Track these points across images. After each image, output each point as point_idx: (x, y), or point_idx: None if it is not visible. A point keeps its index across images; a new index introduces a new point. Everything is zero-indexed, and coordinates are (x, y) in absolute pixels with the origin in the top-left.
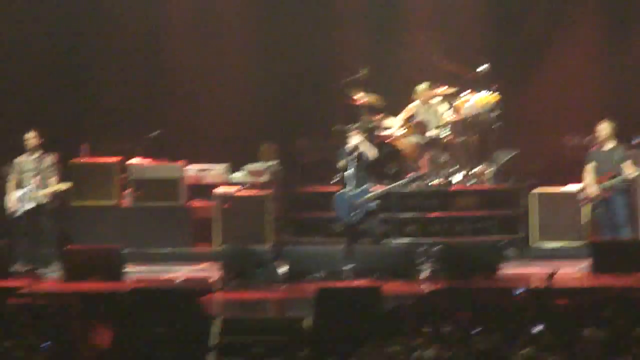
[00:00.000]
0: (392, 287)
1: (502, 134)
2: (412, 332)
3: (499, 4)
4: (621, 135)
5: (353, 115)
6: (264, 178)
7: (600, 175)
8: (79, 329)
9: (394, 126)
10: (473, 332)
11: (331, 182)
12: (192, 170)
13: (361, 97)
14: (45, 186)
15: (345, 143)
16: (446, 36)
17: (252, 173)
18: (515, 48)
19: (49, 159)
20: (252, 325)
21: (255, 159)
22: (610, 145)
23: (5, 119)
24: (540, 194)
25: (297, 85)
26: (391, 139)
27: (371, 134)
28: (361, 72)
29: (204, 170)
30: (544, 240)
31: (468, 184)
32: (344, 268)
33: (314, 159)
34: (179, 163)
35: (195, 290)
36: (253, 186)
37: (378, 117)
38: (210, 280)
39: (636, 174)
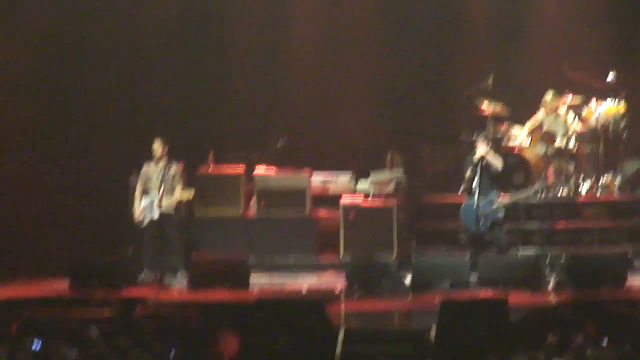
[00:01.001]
0: (518, 298)
1: (630, 143)
2: (538, 343)
3: (628, 12)
4: None
5: (479, 124)
6: (389, 188)
7: None
8: (205, 338)
9: (520, 136)
10: (600, 343)
11: (457, 192)
12: (317, 179)
13: (487, 106)
14: (171, 195)
15: (472, 152)
16: (573, 44)
17: (378, 183)
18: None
19: (174, 168)
20: (376, 335)
21: (380, 168)
22: None
23: (132, 128)
24: None
25: (423, 94)
26: (518, 148)
27: (497, 144)
28: (487, 80)
29: (329, 179)
30: None
31: (596, 194)
32: (470, 278)
33: (440, 169)
34: (304, 172)
35: (320, 300)
36: (378, 196)
37: (504, 126)
38: (336, 291)
39: None
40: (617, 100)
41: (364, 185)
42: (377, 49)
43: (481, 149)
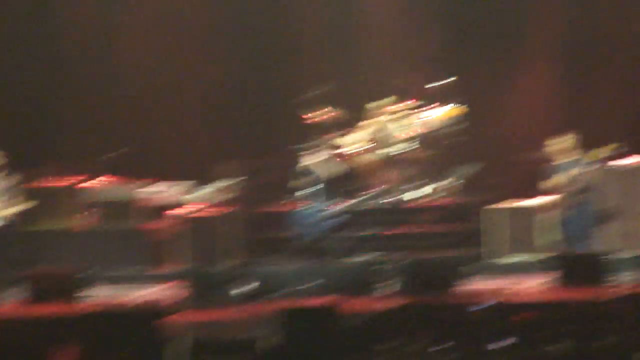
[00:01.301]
0: (354, 304)
1: (463, 148)
2: (373, 349)
3: (464, 19)
4: (582, 147)
5: (313, 132)
6: (225, 196)
7: (558, 187)
8: (40, 353)
9: (354, 143)
10: (434, 348)
11: (292, 200)
12: (153, 189)
13: (320, 114)
14: (8, 208)
15: (305, 161)
16: (408, 49)
17: (214, 192)
18: (476, 60)
19: (10, 181)
20: (216, 345)
21: (217, 178)
22: (569, 158)
23: None
24: (502, 208)
25: (258, 103)
26: (351, 155)
27: (331, 151)
28: (320, 88)
29: (165, 189)
30: (506, 254)
31: (430, 199)
32: (306, 286)
33: (275, 177)
34: (139, 183)
35: (155, 312)
36: (215, 205)
37: (338, 133)
38: (171, 302)
39: (591, 179)
40: (451, 105)
41: (200, 194)
42: (212, 57)
43: (314, 156)
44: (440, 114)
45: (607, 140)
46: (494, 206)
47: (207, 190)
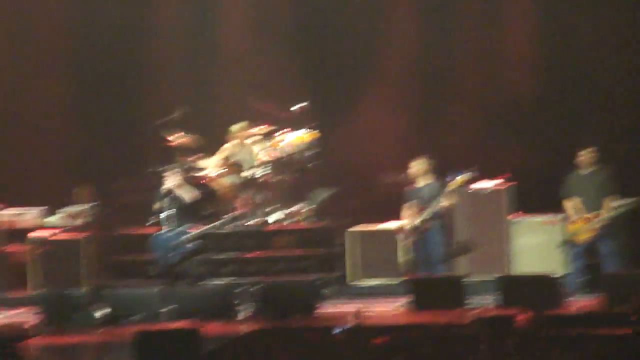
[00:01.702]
0: (211, 328)
1: (318, 172)
2: None
3: (315, 41)
4: (436, 171)
5: (169, 156)
6: (80, 221)
7: (415, 211)
8: None
9: (210, 166)
10: None
11: (148, 224)
12: (6, 214)
13: (177, 138)
14: None
15: (162, 184)
16: (260, 74)
17: (68, 216)
18: (330, 86)
19: None
20: None
21: (70, 202)
22: (424, 182)
23: None
24: (358, 232)
25: (113, 126)
26: (207, 179)
27: (187, 175)
28: (176, 112)
29: (17, 214)
30: (362, 277)
31: (285, 223)
32: (162, 310)
33: (131, 201)
34: None
35: (11, 336)
36: (69, 229)
37: (194, 157)
38: (26, 326)
39: (446, 203)
40: (304, 130)
41: (53, 219)
42: (66, 80)
43: (170, 180)
44: (294, 138)
45: (460, 165)
46: (351, 229)
47: (63, 214)
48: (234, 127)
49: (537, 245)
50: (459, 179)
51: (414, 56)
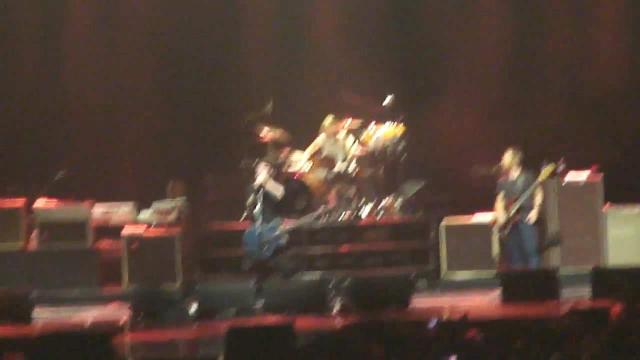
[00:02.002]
0: (304, 322)
1: (409, 165)
2: None
3: (402, 36)
4: (528, 163)
5: (260, 150)
6: (171, 216)
7: (507, 203)
8: None
9: (301, 161)
10: None
11: (240, 219)
12: (99, 210)
13: (267, 132)
14: None
15: (253, 179)
16: (350, 68)
17: (159, 212)
18: (420, 79)
19: None
20: None
21: (162, 197)
22: (515, 173)
23: None
24: (450, 225)
25: (202, 121)
26: (298, 174)
27: (278, 169)
28: (266, 106)
29: (110, 210)
30: (454, 271)
31: (377, 217)
32: (255, 305)
33: (222, 196)
34: (85, 204)
35: (105, 332)
36: (161, 225)
37: (285, 152)
38: (120, 322)
39: (539, 195)
40: (394, 123)
41: (145, 215)
42: (155, 76)
43: (262, 175)
44: (385, 131)
45: (547, 157)
46: (445, 222)
47: (155, 209)
48: (326, 121)
49: (631, 237)
50: (548, 169)
51: (502, 49)
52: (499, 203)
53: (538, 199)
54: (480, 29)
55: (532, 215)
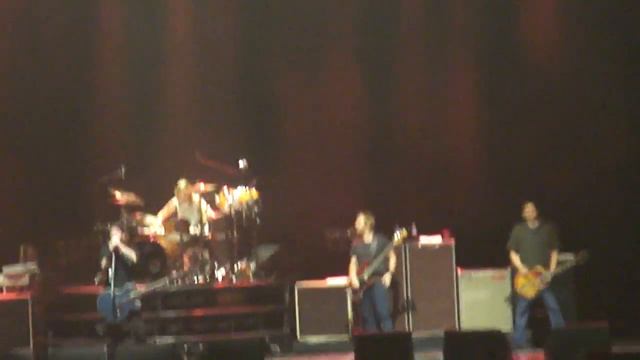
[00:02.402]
0: None
1: (263, 229)
2: None
3: (253, 100)
4: (379, 227)
5: (113, 214)
6: (22, 281)
7: (361, 266)
8: None
9: (155, 224)
10: None
11: (94, 283)
12: None
13: (121, 196)
14: None
15: (106, 243)
16: (205, 132)
17: (10, 276)
18: (274, 142)
19: None
20: None
21: (13, 262)
22: (369, 237)
23: None
24: (304, 289)
25: (54, 184)
26: (153, 237)
27: (132, 233)
28: (120, 170)
29: None
30: (309, 334)
31: (231, 281)
32: None
33: (75, 259)
34: None
35: None
36: (12, 289)
37: (139, 215)
38: None
39: (392, 258)
40: (247, 187)
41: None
42: (5, 135)
43: (115, 238)
44: (241, 195)
45: (398, 222)
46: (300, 285)
47: (6, 273)
48: (180, 184)
49: (484, 300)
50: (402, 234)
51: (356, 114)
52: (353, 266)
53: (392, 262)
54: (333, 92)
55: (386, 279)
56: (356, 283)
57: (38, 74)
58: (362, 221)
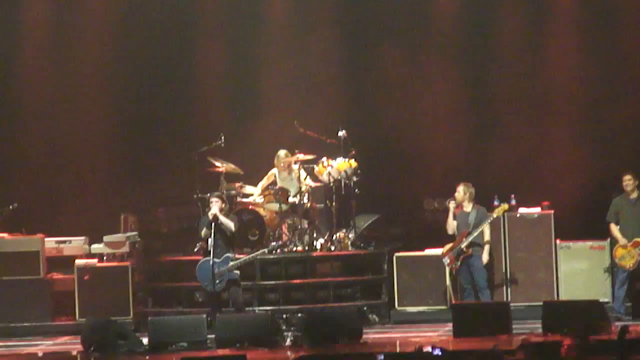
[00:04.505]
0: (256, 355)
1: (361, 198)
2: None
3: (355, 73)
4: (478, 197)
5: (213, 183)
6: (124, 249)
7: (460, 236)
8: None
9: (255, 193)
10: None
11: (194, 251)
12: (51, 242)
13: (221, 165)
14: None
15: (206, 211)
16: (303, 103)
17: (112, 244)
18: (372, 112)
19: None
20: None
21: (114, 231)
22: (468, 208)
23: None
24: (402, 258)
25: (155, 154)
26: (252, 206)
27: (232, 202)
28: (220, 140)
29: (63, 242)
30: (407, 304)
31: (330, 250)
32: (207, 337)
33: (175, 228)
34: (38, 236)
35: None
36: (113, 257)
37: (239, 184)
38: (74, 353)
39: (488, 235)
40: (347, 157)
41: (99, 247)
42: (110, 110)
43: (214, 207)
44: (340, 164)
45: (499, 192)
46: (398, 254)
47: (108, 241)
48: (279, 154)
49: (582, 271)
50: (502, 207)
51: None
52: (453, 236)
53: (487, 235)
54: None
55: (485, 256)
56: (455, 252)
57: (143, 47)
58: (462, 191)
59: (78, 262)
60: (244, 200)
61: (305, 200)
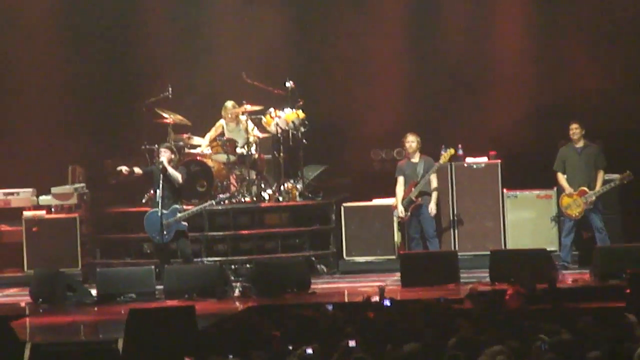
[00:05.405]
0: (205, 306)
1: (309, 149)
2: (227, 350)
3: (303, 21)
4: (425, 147)
5: (161, 134)
6: (72, 200)
7: (408, 186)
8: None
9: (202, 144)
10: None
11: (142, 202)
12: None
13: (168, 116)
14: None
15: (153, 163)
16: (251, 53)
17: (60, 196)
18: (319, 63)
19: None
20: (63, 349)
21: (62, 182)
22: (416, 158)
23: None
24: (350, 208)
25: (102, 106)
26: (200, 157)
27: (179, 153)
28: (167, 91)
29: (10, 194)
30: (355, 254)
31: (278, 201)
32: (156, 288)
33: (123, 180)
34: None
35: (5, 315)
36: (61, 209)
37: (186, 135)
38: (22, 304)
39: (435, 184)
40: (295, 107)
41: (47, 198)
42: (52, 59)
43: (163, 158)
44: (288, 115)
45: (445, 141)
46: (347, 205)
47: (56, 193)
48: (227, 105)
49: (529, 220)
50: (448, 153)
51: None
52: (399, 187)
53: (434, 183)
54: (379, 14)
55: (432, 205)
56: (401, 207)
57: None
58: (415, 140)
59: (26, 213)
60: (192, 151)
61: (253, 151)
